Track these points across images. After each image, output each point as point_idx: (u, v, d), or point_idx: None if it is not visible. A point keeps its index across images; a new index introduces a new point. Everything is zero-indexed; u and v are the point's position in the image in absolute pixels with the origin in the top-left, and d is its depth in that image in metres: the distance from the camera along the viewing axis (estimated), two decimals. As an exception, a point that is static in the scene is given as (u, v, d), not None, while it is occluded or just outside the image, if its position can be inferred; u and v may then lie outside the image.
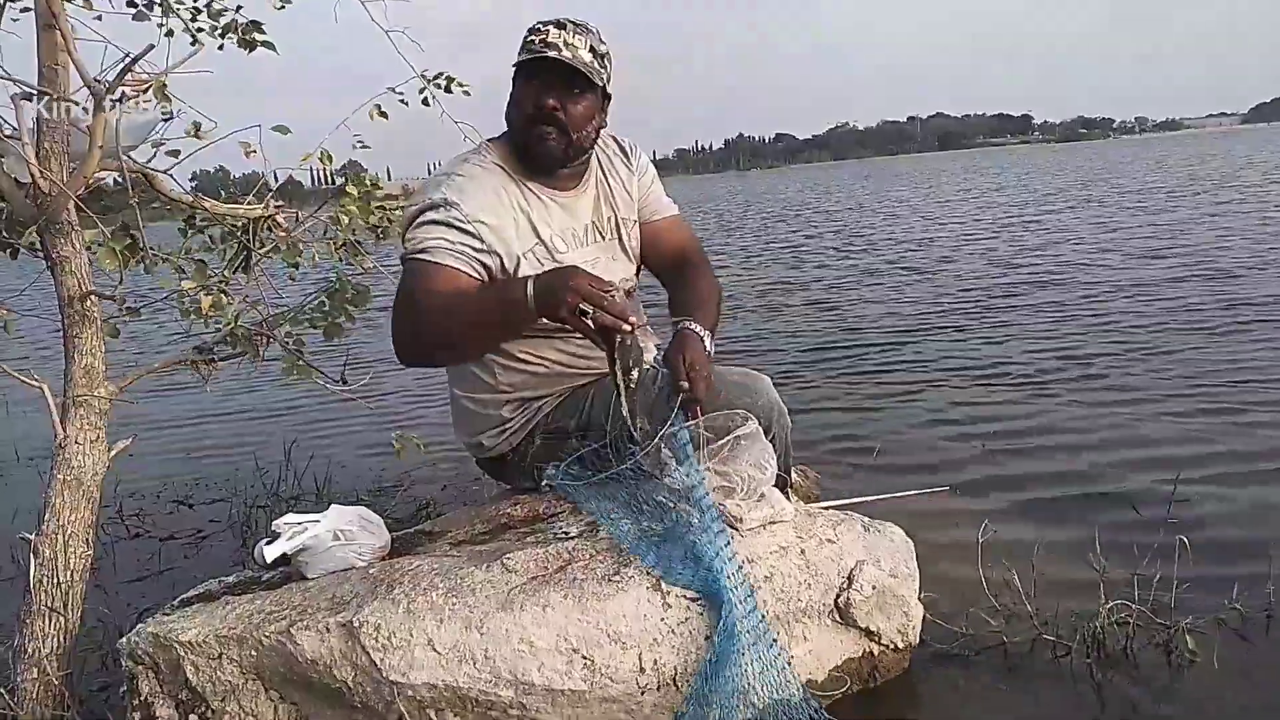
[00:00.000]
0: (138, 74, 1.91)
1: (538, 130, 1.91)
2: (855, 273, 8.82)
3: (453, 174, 1.94)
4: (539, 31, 1.87)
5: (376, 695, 1.56)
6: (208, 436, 4.57)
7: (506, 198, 1.95)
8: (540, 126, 1.91)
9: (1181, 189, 15.77)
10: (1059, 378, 4.17)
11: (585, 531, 1.87)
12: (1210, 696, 1.74)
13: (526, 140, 1.94)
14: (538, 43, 1.85)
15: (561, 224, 2.01)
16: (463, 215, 1.86)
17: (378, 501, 3.12)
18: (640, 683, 1.58)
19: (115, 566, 2.84)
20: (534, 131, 1.92)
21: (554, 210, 2.01)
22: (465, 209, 1.87)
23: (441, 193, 1.88)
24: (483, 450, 2.15)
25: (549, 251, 1.97)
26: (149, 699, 1.70)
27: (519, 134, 1.95)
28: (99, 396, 2.01)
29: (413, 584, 1.64)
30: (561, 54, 1.84)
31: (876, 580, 1.81)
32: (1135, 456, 3.05)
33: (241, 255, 2.50)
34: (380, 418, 4.44)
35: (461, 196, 1.88)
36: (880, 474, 3.09)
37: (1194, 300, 5.66)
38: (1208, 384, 3.80)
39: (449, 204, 1.87)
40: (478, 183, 1.92)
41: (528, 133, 1.92)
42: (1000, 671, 1.88)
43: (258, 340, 2.24)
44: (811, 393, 4.37)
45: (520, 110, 1.92)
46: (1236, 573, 2.14)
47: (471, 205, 1.88)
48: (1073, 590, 2.08)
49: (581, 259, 2.01)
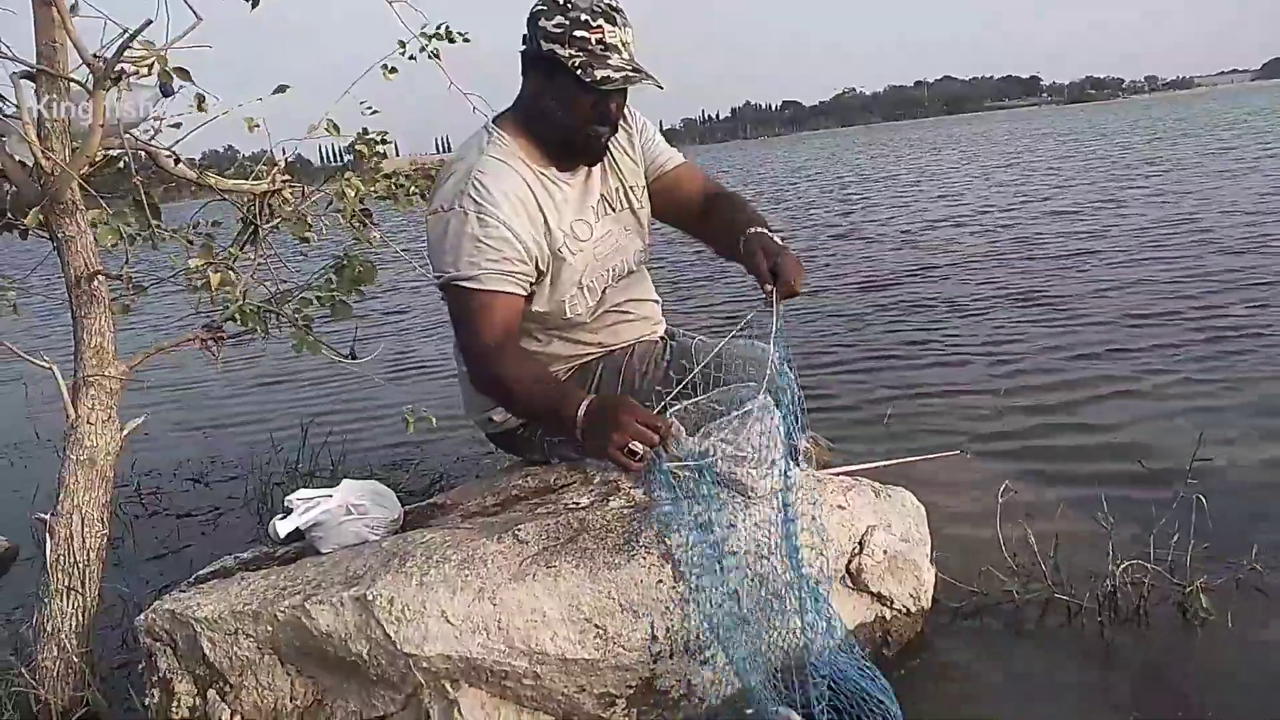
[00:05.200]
0: (137, 50, 1.90)
1: (593, 131, 1.89)
2: (862, 240, 8.76)
3: (474, 173, 1.86)
4: (592, 28, 1.77)
5: (392, 667, 1.57)
6: (223, 414, 4.60)
7: (531, 199, 1.90)
8: (595, 128, 1.89)
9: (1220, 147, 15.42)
10: (1073, 340, 4.13)
11: (596, 502, 1.88)
12: (1224, 656, 1.73)
13: (574, 140, 1.90)
14: (595, 43, 1.77)
15: (576, 209, 1.98)
16: (498, 226, 1.83)
17: (391, 475, 3.13)
18: (653, 651, 1.59)
19: (134, 545, 2.87)
20: (587, 133, 1.89)
21: (569, 195, 1.97)
22: (499, 216, 1.83)
23: (471, 198, 1.83)
24: (493, 425, 2.16)
25: (569, 249, 1.95)
26: (167, 675, 1.72)
27: (565, 131, 1.89)
28: (109, 376, 2.02)
29: (425, 556, 1.65)
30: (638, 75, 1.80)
31: (888, 545, 1.82)
32: (1154, 418, 3.02)
33: (249, 231, 2.50)
34: (393, 392, 4.45)
35: (491, 203, 1.83)
36: (892, 439, 3.08)
37: (1214, 262, 5.57)
38: (1229, 347, 3.74)
39: (483, 215, 1.82)
40: (502, 186, 1.86)
41: (577, 133, 1.88)
42: (1013, 632, 1.88)
43: (266, 317, 2.24)
44: (822, 359, 4.35)
45: (575, 112, 1.85)
46: (1256, 534, 2.11)
47: (504, 212, 1.84)
48: (1087, 552, 2.07)
49: (599, 235, 2.00)
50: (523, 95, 1.95)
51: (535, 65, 1.87)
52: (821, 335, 4.87)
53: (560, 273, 1.95)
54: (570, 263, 1.95)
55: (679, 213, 2.16)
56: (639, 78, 1.82)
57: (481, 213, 1.82)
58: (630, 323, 2.11)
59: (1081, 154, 17.33)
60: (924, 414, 3.33)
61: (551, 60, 1.80)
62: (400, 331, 6.44)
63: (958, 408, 3.35)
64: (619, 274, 2.07)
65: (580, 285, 2.00)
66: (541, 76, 1.86)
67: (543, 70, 1.85)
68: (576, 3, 1.77)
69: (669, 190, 2.13)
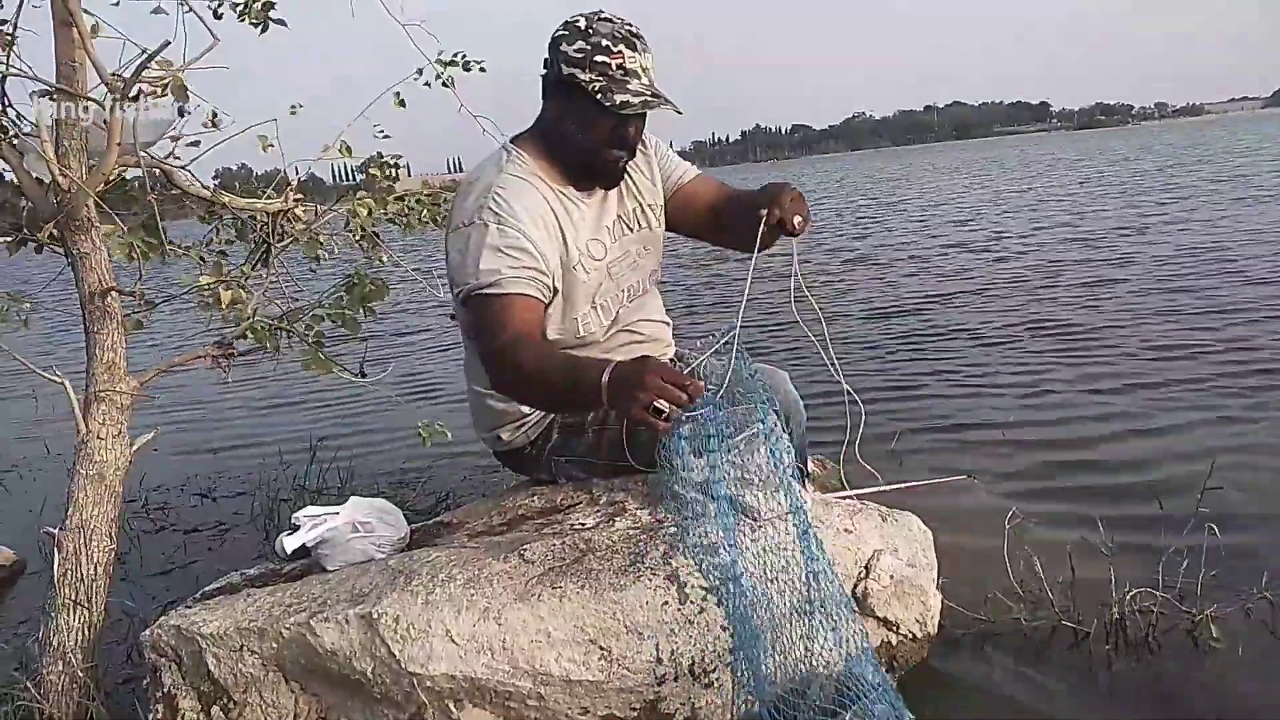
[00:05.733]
0: (155, 70, 1.93)
1: (612, 155, 1.92)
2: (872, 263, 8.76)
3: (494, 189, 1.88)
4: (613, 53, 1.79)
5: (396, 686, 1.57)
6: (232, 432, 4.61)
7: (550, 215, 1.92)
8: (615, 151, 1.91)
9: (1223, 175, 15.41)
10: (1086, 368, 4.12)
11: (602, 523, 1.87)
12: (1233, 685, 1.72)
13: (594, 163, 1.93)
14: (615, 68, 1.79)
15: (593, 228, 2.00)
16: (518, 236, 1.84)
17: (398, 493, 3.14)
18: (658, 673, 1.58)
19: (140, 560, 2.87)
20: (607, 156, 1.91)
21: (586, 214, 1.99)
22: (519, 227, 1.84)
23: (491, 211, 1.84)
24: (500, 444, 2.16)
25: (584, 267, 1.96)
26: (172, 691, 1.72)
27: (584, 155, 1.92)
28: (120, 392, 2.03)
29: (431, 575, 1.65)
30: (658, 98, 1.83)
31: (894, 570, 1.81)
32: (1165, 444, 3.00)
33: (261, 250, 2.52)
34: (401, 412, 4.46)
35: (512, 215, 1.85)
36: (899, 463, 3.07)
37: (1224, 288, 5.56)
38: (1239, 373, 3.73)
39: (503, 226, 1.83)
40: (522, 201, 1.88)
41: (596, 156, 1.91)
42: (1019, 659, 1.87)
43: (277, 334, 2.25)
44: (828, 383, 4.34)
45: (594, 136, 1.88)
46: (1267, 563, 2.10)
47: (525, 223, 1.85)
48: (1095, 579, 2.05)
49: (615, 255, 2.02)
50: (543, 117, 1.97)
51: (556, 89, 1.89)
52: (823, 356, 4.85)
53: (575, 290, 1.96)
54: (585, 280, 1.96)
55: (699, 221, 2.17)
56: (658, 103, 1.84)
57: (502, 224, 1.83)
58: (641, 343, 2.12)
59: (1097, 179, 17.33)
60: (933, 440, 3.32)
61: (572, 84, 1.82)
62: (410, 352, 6.46)
63: (967, 434, 3.34)
64: (634, 294, 2.08)
65: (594, 304, 2.01)
66: (562, 100, 1.89)
67: (563, 94, 1.87)
68: (598, 28, 1.79)
69: (689, 201, 2.15)
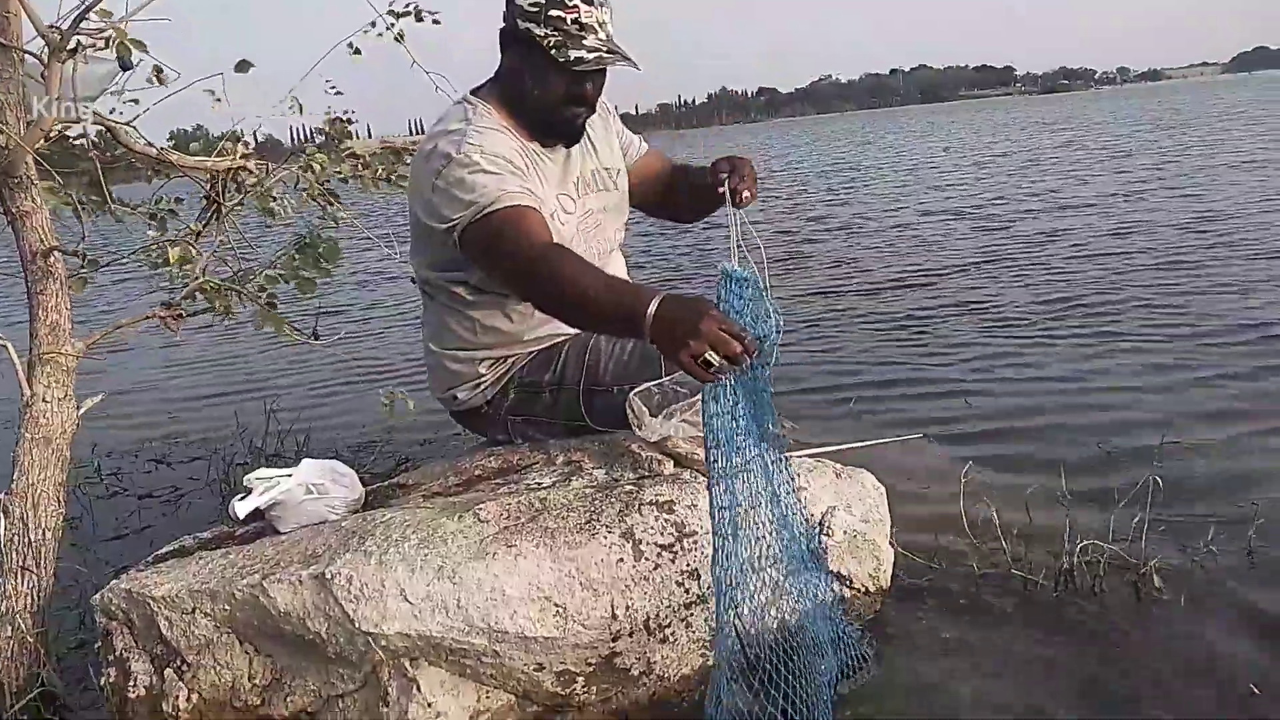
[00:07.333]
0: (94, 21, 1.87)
1: (571, 113, 1.90)
2: (833, 226, 8.78)
3: (468, 134, 1.84)
4: (568, 7, 1.76)
5: (351, 646, 1.56)
6: (188, 398, 4.53)
7: (523, 161, 1.90)
8: (573, 109, 1.89)
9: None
10: (1042, 327, 4.16)
11: (559, 482, 1.88)
12: (1174, 633, 1.76)
13: (554, 120, 1.91)
14: (570, 23, 1.76)
15: (558, 184, 1.99)
16: (509, 165, 1.81)
17: (357, 458, 3.11)
18: (614, 629, 1.59)
19: (94, 526, 2.83)
20: (565, 114, 1.90)
21: (551, 170, 1.98)
22: (506, 167, 1.81)
23: (473, 146, 1.80)
24: (457, 403, 2.15)
25: (558, 220, 1.94)
26: (124, 654, 1.70)
27: (544, 112, 1.90)
28: (66, 354, 1.99)
29: (385, 536, 1.64)
30: (615, 54, 1.80)
31: (847, 525, 1.83)
32: (1120, 405, 3.04)
33: (212, 208, 2.47)
34: (360, 373, 4.43)
35: (495, 153, 1.81)
36: (857, 423, 3.10)
37: (1183, 249, 5.64)
38: (1194, 332, 3.79)
39: (488, 157, 1.79)
40: (497, 146, 1.84)
41: (557, 113, 1.89)
42: (970, 609, 1.90)
43: (229, 294, 2.22)
44: (787, 342, 4.36)
45: (550, 92, 1.86)
46: (1214, 516, 2.15)
47: (506, 156, 1.83)
48: (1048, 533, 2.10)
49: (581, 212, 2.01)
50: (501, 71, 1.95)
51: (512, 42, 1.87)
52: (791, 321, 4.88)
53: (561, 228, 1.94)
54: (560, 232, 1.93)
55: (648, 194, 2.20)
56: (614, 59, 1.81)
57: (484, 154, 1.80)
58: None
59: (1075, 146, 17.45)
60: (890, 401, 3.34)
61: (528, 39, 1.80)
62: (367, 317, 6.39)
63: (925, 395, 3.37)
64: (600, 256, 2.07)
65: None
66: (518, 54, 1.87)
67: (519, 48, 1.85)
68: None
69: (644, 174, 2.18)
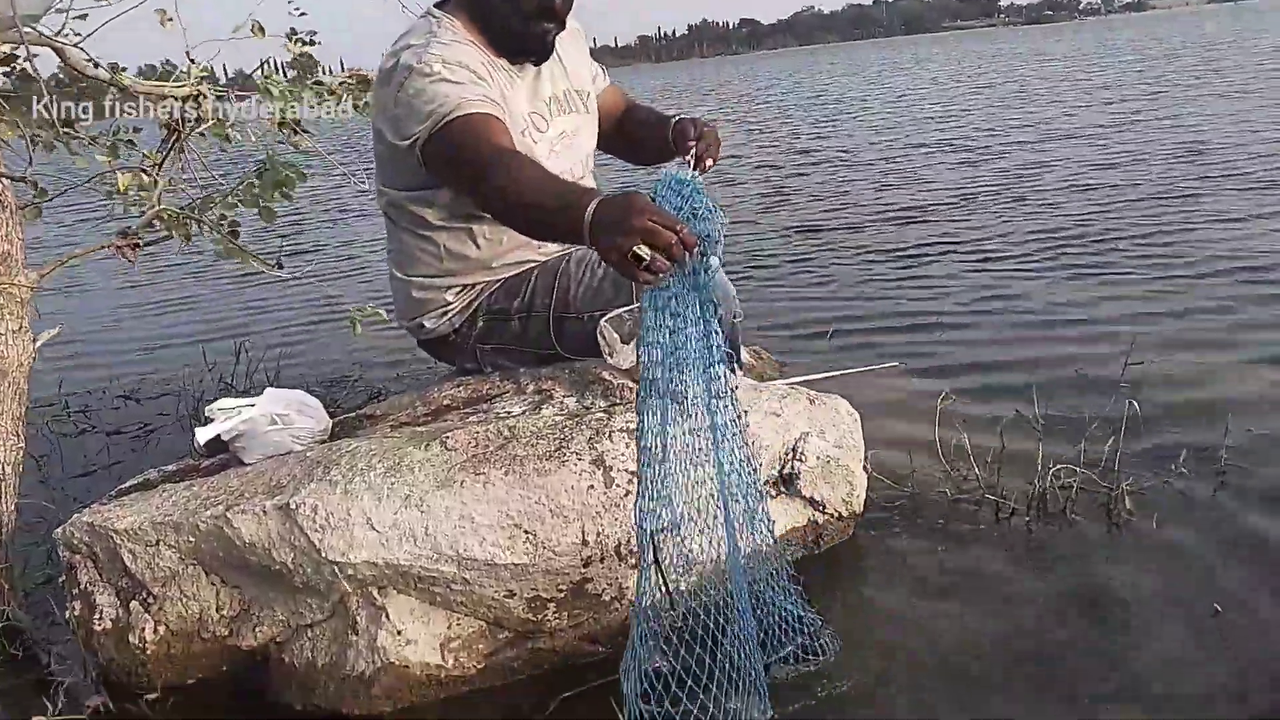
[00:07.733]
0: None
1: (541, 28, 1.85)
2: (819, 159, 8.69)
3: (431, 46, 1.78)
4: None
5: (318, 576, 1.55)
6: (157, 333, 4.46)
7: (491, 76, 1.84)
8: (543, 24, 1.84)
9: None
10: (1025, 260, 4.11)
11: (528, 410, 1.85)
12: (1144, 555, 1.77)
13: (523, 34, 1.86)
14: None
15: (529, 101, 1.94)
16: (472, 75, 1.76)
17: (329, 393, 3.07)
18: (584, 555, 1.58)
19: (61, 462, 2.79)
20: (535, 29, 1.84)
21: (521, 88, 1.93)
22: (469, 76, 1.76)
23: (435, 57, 1.74)
24: (424, 332, 2.11)
25: (531, 138, 1.90)
26: (88, 588, 1.68)
27: (513, 27, 1.85)
28: (19, 285, 1.93)
29: (350, 465, 1.61)
30: None
31: (821, 451, 1.82)
32: (1097, 336, 3.01)
33: (172, 137, 2.39)
34: (331, 312, 4.36)
35: (459, 63, 1.76)
36: (834, 353, 3.08)
37: (1170, 180, 5.59)
38: (1176, 264, 3.75)
39: (450, 67, 1.74)
40: (460, 52, 1.79)
41: (526, 27, 1.84)
42: (942, 533, 1.90)
43: (186, 223, 2.16)
44: (765, 274, 4.33)
45: (518, 7, 1.81)
46: (1185, 438, 2.16)
47: (472, 66, 1.78)
48: (1021, 458, 2.09)
49: (555, 132, 1.96)
50: None
51: None
52: (770, 253, 4.83)
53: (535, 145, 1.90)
54: (536, 149, 1.89)
55: (604, 129, 2.15)
56: None
57: (446, 64, 1.75)
58: None
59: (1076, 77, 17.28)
60: (869, 334, 3.32)
61: None
62: (339, 256, 6.27)
63: (903, 328, 3.34)
64: (573, 177, 2.01)
65: None
66: None
67: None
68: None
69: (602, 108, 2.14)
